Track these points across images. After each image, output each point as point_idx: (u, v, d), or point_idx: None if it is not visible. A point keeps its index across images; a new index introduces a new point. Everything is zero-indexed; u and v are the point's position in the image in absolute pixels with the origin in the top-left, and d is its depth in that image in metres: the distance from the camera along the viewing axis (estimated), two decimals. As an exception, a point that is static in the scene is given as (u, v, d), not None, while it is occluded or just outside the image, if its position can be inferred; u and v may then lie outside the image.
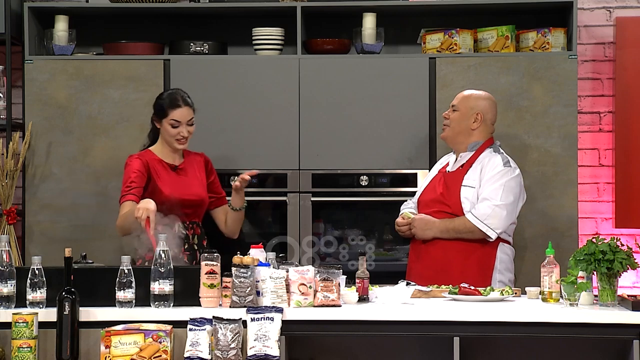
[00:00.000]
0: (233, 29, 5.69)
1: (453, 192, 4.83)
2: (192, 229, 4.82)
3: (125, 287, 3.91)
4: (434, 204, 4.86)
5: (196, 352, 3.79)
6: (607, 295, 3.98)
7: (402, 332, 3.94)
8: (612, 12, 5.73)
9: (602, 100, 5.73)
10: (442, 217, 4.82)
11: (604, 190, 5.72)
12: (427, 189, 4.96)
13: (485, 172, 4.81)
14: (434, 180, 4.96)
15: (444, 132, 4.96)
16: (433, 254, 4.80)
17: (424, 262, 4.82)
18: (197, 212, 4.86)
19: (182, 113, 4.79)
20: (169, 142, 4.83)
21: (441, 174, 4.95)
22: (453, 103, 4.94)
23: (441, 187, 4.88)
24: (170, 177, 4.81)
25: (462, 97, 4.93)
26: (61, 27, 5.44)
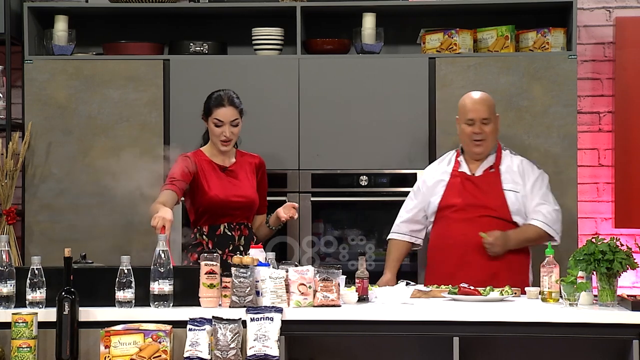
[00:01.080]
0: (233, 29, 5.69)
1: (496, 196, 4.81)
2: (238, 229, 4.79)
3: (125, 287, 3.91)
4: (476, 209, 4.80)
5: (196, 352, 3.79)
6: (607, 295, 3.98)
7: (402, 332, 3.94)
8: (612, 12, 5.73)
9: (601, 100, 5.73)
10: (487, 221, 4.78)
11: (604, 190, 5.72)
12: (450, 193, 4.86)
13: (527, 177, 4.85)
14: (453, 184, 4.87)
15: (480, 147, 4.84)
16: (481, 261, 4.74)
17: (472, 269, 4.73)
18: (245, 214, 4.81)
19: (225, 113, 4.74)
20: (215, 143, 4.79)
21: (462, 178, 4.86)
22: (485, 116, 4.81)
23: (475, 191, 4.82)
24: (219, 178, 4.77)
25: (486, 105, 4.84)
26: (61, 27, 5.44)
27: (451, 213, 4.84)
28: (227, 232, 4.75)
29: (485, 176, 4.86)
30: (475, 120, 4.82)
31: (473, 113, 4.83)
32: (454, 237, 4.80)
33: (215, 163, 4.80)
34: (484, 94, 4.91)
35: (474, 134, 4.82)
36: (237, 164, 4.84)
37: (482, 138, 4.83)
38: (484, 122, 4.82)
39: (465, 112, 4.85)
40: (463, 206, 4.82)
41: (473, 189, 4.84)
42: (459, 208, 4.83)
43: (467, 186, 4.85)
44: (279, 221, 4.81)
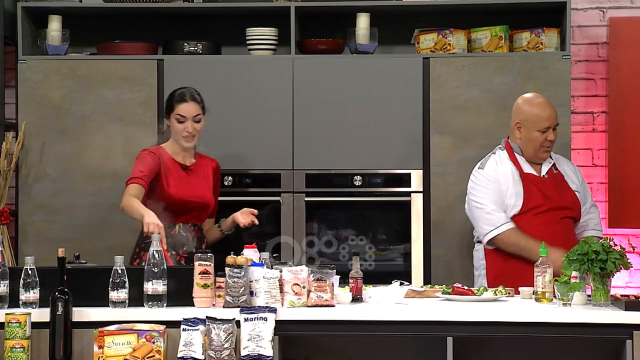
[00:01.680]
0: (227, 29, 5.69)
1: (571, 197, 4.83)
2: (192, 231, 4.81)
3: (119, 287, 3.91)
4: (560, 211, 4.78)
5: (189, 352, 3.78)
6: (600, 295, 3.99)
7: (396, 332, 3.94)
8: (606, 12, 5.74)
9: (595, 100, 5.74)
10: (568, 222, 4.79)
11: (597, 190, 5.73)
12: (531, 197, 4.76)
13: (578, 177, 4.92)
14: (529, 186, 4.78)
15: (548, 153, 4.83)
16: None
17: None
18: (201, 215, 4.84)
19: (187, 108, 4.79)
20: (177, 140, 4.81)
21: (536, 180, 4.80)
22: (558, 122, 4.80)
23: (552, 193, 4.79)
24: (179, 176, 4.78)
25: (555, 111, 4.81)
26: (55, 27, 5.43)
27: (533, 216, 4.76)
28: (182, 233, 4.75)
29: (553, 178, 4.84)
30: (550, 126, 4.79)
31: (549, 121, 4.78)
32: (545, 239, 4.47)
33: (177, 161, 4.81)
34: (546, 98, 4.88)
35: (549, 141, 4.80)
36: (196, 165, 4.88)
37: (550, 145, 4.83)
38: (555, 128, 4.82)
39: (540, 120, 4.78)
40: (547, 209, 4.76)
41: (549, 191, 4.80)
42: (542, 211, 4.76)
43: (542, 188, 4.79)
44: (232, 226, 4.84)
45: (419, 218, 5.30)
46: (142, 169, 4.66)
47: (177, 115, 4.78)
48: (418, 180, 5.30)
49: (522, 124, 4.82)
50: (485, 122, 5.29)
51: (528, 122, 4.81)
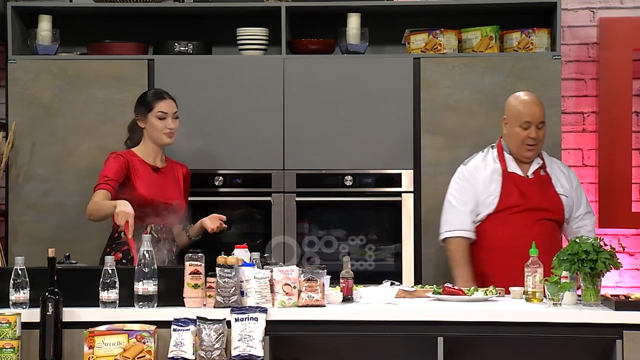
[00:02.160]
0: (217, 29, 5.69)
1: (553, 199, 4.80)
2: (164, 233, 4.81)
3: (109, 287, 3.91)
4: (538, 212, 4.76)
5: (180, 352, 3.78)
6: (591, 295, 4.00)
7: (387, 332, 3.95)
8: (596, 12, 5.75)
9: (585, 100, 5.75)
10: (547, 224, 4.75)
11: (588, 190, 5.73)
12: (509, 195, 4.76)
13: (572, 181, 4.87)
14: (509, 185, 4.78)
15: (532, 152, 4.79)
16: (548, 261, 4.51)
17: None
18: (171, 217, 4.82)
19: (167, 105, 4.82)
20: (157, 139, 4.81)
21: (518, 180, 4.79)
22: (542, 119, 4.77)
23: (534, 193, 4.77)
24: (150, 177, 4.79)
25: (542, 108, 4.79)
26: (45, 27, 5.42)
27: (510, 215, 4.76)
28: (153, 234, 4.74)
29: (538, 179, 4.82)
30: (532, 124, 4.77)
31: (530, 116, 4.77)
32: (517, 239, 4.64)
33: (147, 163, 4.81)
34: (535, 96, 4.86)
35: (529, 138, 4.78)
36: (167, 168, 4.89)
37: (536, 142, 4.79)
38: (539, 127, 4.78)
39: (521, 115, 4.78)
40: (525, 209, 4.75)
41: (530, 191, 4.78)
42: (520, 210, 4.75)
43: (523, 188, 4.79)
44: (200, 231, 4.84)
45: (410, 218, 5.31)
46: (107, 174, 4.69)
47: (159, 112, 4.80)
48: (409, 180, 5.30)
49: (507, 119, 4.86)
50: (476, 122, 5.30)
51: (511, 117, 4.83)
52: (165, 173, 4.86)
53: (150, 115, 4.81)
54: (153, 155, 4.85)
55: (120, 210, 4.43)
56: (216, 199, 5.24)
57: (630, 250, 5.66)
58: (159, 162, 4.88)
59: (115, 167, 4.70)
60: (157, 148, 4.86)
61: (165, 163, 4.91)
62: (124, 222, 4.42)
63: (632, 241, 5.69)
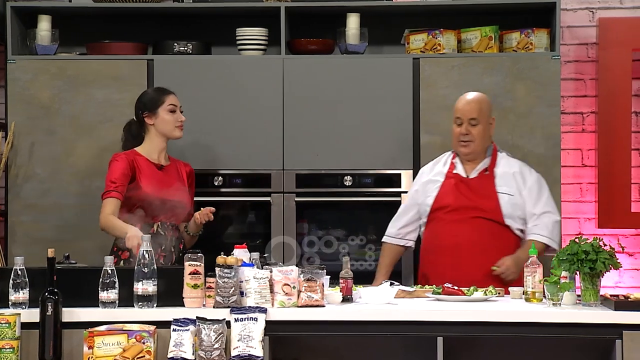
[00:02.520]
0: (217, 29, 5.69)
1: (489, 198, 4.77)
2: (170, 230, 4.81)
3: (109, 287, 3.90)
4: (468, 210, 4.76)
5: (179, 352, 3.78)
6: (590, 295, 4.00)
7: (386, 332, 3.94)
8: (595, 12, 5.75)
9: (585, 100, 5.75)
10: (480, 222, 4.74)
11: (587, 191, 5.74)
12: (444, 194, 4.82)
13: (525, 181, 4.81)
14: (447, 185, 4.83)
15: (467, 148, 4.79)
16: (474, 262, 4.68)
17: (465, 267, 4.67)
18: (177, 215, 4.83)
19: (175, 98, 4.85)
20: (169, 132, 4.81)
21: (456, 179, 4.82)
22: (473, 115, 4.77)
23: (469, 193, 4.79)
24: (155, 175, 4.79)
25: (477, 105, 4.79)
26: (44, 27, 5.42)
27: (444, 214, 4.80)
28: (160, 232, 4.74)
29: (480, 178, 4.82)
30: (463, 120, 4.80)
31: (460, 112, 4.81)
32: (447, 238, 4.76)
33: (151, 162, 4.81)
34: (480, 95, 4.86)
35: (461, 134, 4.80)
36: (171, 166, 4.89)
37: (469, 139, 4.79)
38: (472, 123, 4.78)
39: (455, 111, 4.83)
40: (455, 207, 4.78)
41: (466, 190, 4.80)
42: (451, 209, 4.79)
43: (461, 188, 4.81)
44: (197, 227, 4.85)
45: (409, 218, 5.30)
46: (114, 179, 4.69)
47: (170, 105, 4.81)
48: (408, 181, 5.30)
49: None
50: (475, 122, 5.30)
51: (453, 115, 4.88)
52: (169, 171, 4.86)
53: (161, 109, 4.80)
54: (157, 153, 4.84)
55: (132, 235, 4.44)
56: (216, 199, 5.24)
57: (629, 251, 5.66)
58: (163, 160, 4.87)
59: (120, 169, 4.70)
60: (162, 145, 4.85)
61: (169, 161, 4.90)
62: (135, 243, 4.41)
63: (632, 241, 5.69)
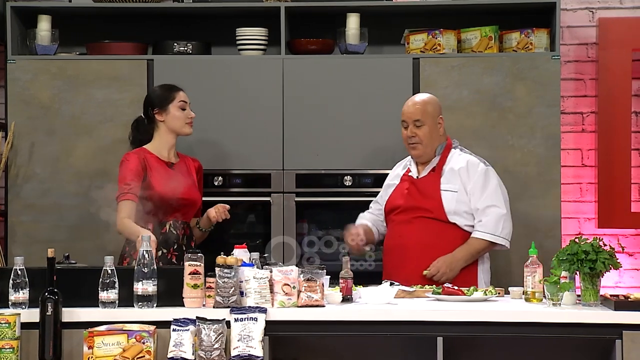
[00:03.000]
0: (217, 29, 5.69)
1: (432, 197, 4.78)
2: (182, 229, 4.80)
3: (109, 287, 3.90)
4: (413, 211, 4.78)
5: (179, 352, 3.78)
6: (590, 295, 4.00)
7: (386, 332, 3.94)
8: (595, 12, 5.75)
9: (584, 100, 5.75)
10: (424, 222, 4.76)
11: (587, 191, 5.74)
12: (395, 197, 4.87)
13: (469, 175, 4.77)
14: (400, 187, 4.88)
15: (415, 150, 4.81)
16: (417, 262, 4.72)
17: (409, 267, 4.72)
18: (188, 212, 4.83)
19: (185, 95, 4.85)
20: (179, 128, 4.81)
21: (408, 181, 4.86)
22: (416, 117, 4.78)
23: (416, 193, 4.81)
24: (166, 173, 4.77)
25: (421, 107, 4.80)
26: (44, 27, 5.42)
27: (394, 216, 4.85)
28: (172, 231, 4.74)
29: (427, 178, 4.84)
30: (408, 123, 4.81)
31: (405, 115, 4.83)
32: (394, 239, 4.82)
33: (162, 159, 4.80)
34: (425, 97, 4.86)
35: (408, 137, 4.82)
36: (180, 163, 4.87)
37: (416, 141, 4.80)
38: (417, 125, 4.78)
39: (401, 114, 4.85)
40: (404, 209, 4.82)
41: (414, 191, 4.83)
42: (400, 211, 4.83)
43: (410, 189, 4.84)
44: (209, 222, 4.83)
45: (409, 218, 5.30)
46: (127, 180, 4.68)
47: (181, 102, 4.81)
48: (408, 181, 5.30)
49: None
50: (474, 122, 5.30)
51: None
52: (178, 168, 4.85)
53: (172, 105, 4.79)
54: (167, 150, 4.83)
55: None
56: (216, 199, 5.23)
57: (629, 251, 5.66)
58: (173, 157, 4.86)
59: (132, 170, 4.69)
60: (172, 142, 4.83)
61: (178, 158, 4.89)
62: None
63: (632, 241, 5.69)
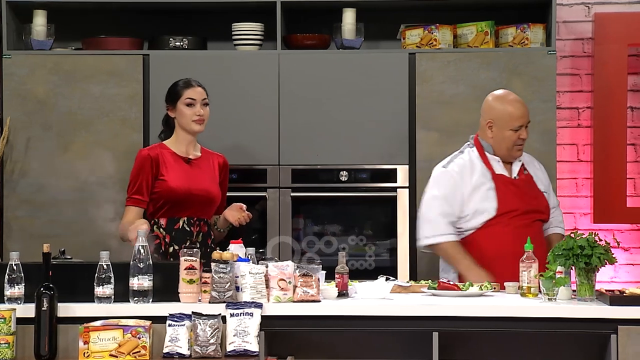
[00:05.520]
0: (213, 24, 5.68)
1: (541, 199, 4.75)
2: (197, 225, 4.76)
3: (104, 282, 3.90)
4: (532, 214, 4.69)
5: (175, 347, 3.78)
6: (585, 290, 4.00)
7: (382, 328, 3.95)
8: (591, 8, 5.75)
9: (580, 95, 5.76)
10: (539, 225, 4.71)
11: (582, 186, 5.75)
12: (507, 200, 4.66)
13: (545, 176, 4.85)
14: (502, 189, 4.68)
15: (521, 151, 4.75)
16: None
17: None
18: (206, 209, 4.78)
19: (196, 92, 4.77)
20: (186, 126, 4.76)
21: (508, 182, 4.71)
22: (529, 120, 4.71)
23: (525, 195, 4.70)
24: (182, 169, 4.73)
25: (527, 108, 4.73)
26: (40, 22, 5.41)
27: (509, 219, 4.67)
28: (185, 227, 4.72)
29: (523, 179, 4.76)
30: (522, 125, 4.72)
31: (522, 120, 4.70)
32: (519, 244, 4.38)
33: (179, 155, 4.78)
34: (516, 95, 4.80)
35: (520, 139, 4.71)
36: (202, 158, 4.83)
37: (523, 143, 4.75)
38: (527, 126, 4.74)
39: (512, 119, 4.69)
40: (522, 212, 4.67)
41: (520, 193, 4.71)
42: (518, 214, 4.67)
43: (514, 190, 4.71)
44: (227, 223, 4.81)
45: (405, 213, 5.31)
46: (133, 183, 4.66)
47: (187, 99, 4.75)
48: (404, 176, 5.31)
49: (494, 122, 4.73)
50: (471, 117, 5.28)
51: (500, 120, 4.72)
52: (198, 164, 4.79)
53: (179, 103, 4.76)
54: (185, 145, 4.78)
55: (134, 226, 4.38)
56: (211, 194, 5.23)
57: (625, 246, 5.67)
58: (192, 153, 4.82)
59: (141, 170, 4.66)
60: (189, 138, 4.79)
61: (200, 153, 4.84)
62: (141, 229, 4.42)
63: (627, 236, 5.70)
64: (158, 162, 4.70)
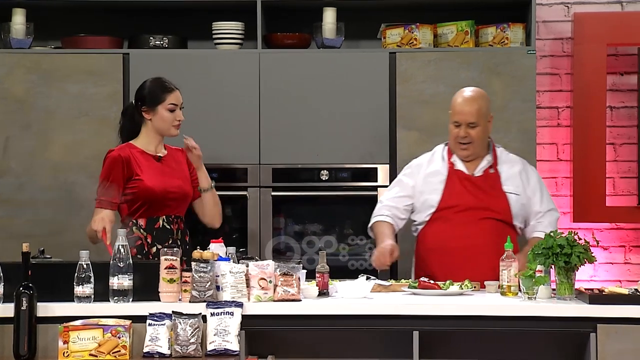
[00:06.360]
0: (193, 23, 5.67)
1: (498, 198, 4.67)
2: (176, 223, 4.75)
3: (84, 282, 3.89)
4: (479, 211, 4.64)
5: (155, 347, 3.77)
6: (565, 289, 4.02)
7: (362, 326, 3.95)
8: (570, 7, 5.77)
9: (560, 95, 5.78)
10: (489, 223, 4.63)
11: (562, 185, 5.77)
12: (453, 194, 4.67)
13: (529, 179, 4.73)
14: (453, 184, 4.70)
15: (466, 151, 4.68)
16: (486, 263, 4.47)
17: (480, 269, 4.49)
18: (181, 206, 4.77)
19: (177, 96, 4.73)
20: (165, 130, 4.72)
21: (463, 178, 4.70)
22: (472, 120, 4.64)
23: (479, 192, 4.68)
24: (154, 168, 4.71)
25: (476, 108, 4.65)
26: (18, 21, 5.39)
27: (452, 214, 4.67)
28: (166, 226, 4.70)
29: (485, 177, 4.72)
30: (460, 123, 4.67)
31: (460, 116, 4.67)
32: (458, 240, 4.61)
33: (149, 154, 4.75)
34: (477, 93, 4.74)
35: (459, 136, 4.69)
36: (169, 155, 4.80)
37: (468, 142, 4.68)
38: (471, 126, 4.67)
39: (454, 113, 4.70)
40: (467, 208, 4.66)
41: (474, 189, 4.69)
42: (461, 209, 4.67)
43: (468, 186, 4.70)
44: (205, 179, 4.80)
45: (386, 212, 5.31)
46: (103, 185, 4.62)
47: (170, 104, 4.70)
48: (384, 175, 5.31)
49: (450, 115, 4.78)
50: (451, 116, 5.31)
51: (450, 113, 4.76)
52: (167, 161, 4.77)
53: (161, 107, 4.71)
54: (154, 144, 4.75)
55: (97, 217, 4.39)
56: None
57: (604, 244, 5.69)
58: (160, 150, 4.79)
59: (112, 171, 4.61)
60: (159, 138, 4.76)
61: (166, 151, 4.81)
62: (101, 227, 4.44)
63: (606, 235, 5.73)
64: (130, 163, 4.65)
